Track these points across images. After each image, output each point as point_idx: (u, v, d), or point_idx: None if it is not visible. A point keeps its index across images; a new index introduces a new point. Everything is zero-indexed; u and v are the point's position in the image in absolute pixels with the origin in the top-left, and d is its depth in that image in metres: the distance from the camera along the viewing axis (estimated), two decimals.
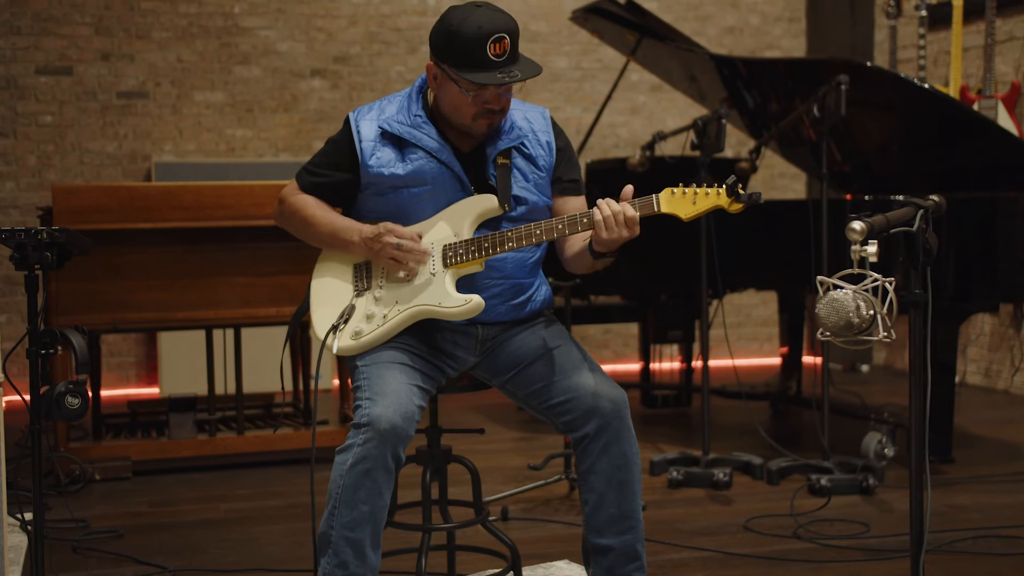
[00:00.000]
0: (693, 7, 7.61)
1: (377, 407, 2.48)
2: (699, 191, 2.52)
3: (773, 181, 7.73)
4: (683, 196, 2.53)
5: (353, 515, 2.48)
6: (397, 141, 2.70)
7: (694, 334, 5.86)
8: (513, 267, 2.73)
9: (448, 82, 2.63)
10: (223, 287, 4.53)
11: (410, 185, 2.68)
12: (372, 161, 2.69)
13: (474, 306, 2.62)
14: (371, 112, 2.75)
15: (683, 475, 4.26)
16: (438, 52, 2.63)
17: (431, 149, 2.68)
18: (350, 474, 2.47)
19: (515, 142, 2.72)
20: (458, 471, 3.19)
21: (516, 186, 2.71)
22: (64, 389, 2.93)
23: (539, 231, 2.60)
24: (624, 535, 2.69)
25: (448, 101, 2.66)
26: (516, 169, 2.73)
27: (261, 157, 6.88)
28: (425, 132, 2.69)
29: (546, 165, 2.76)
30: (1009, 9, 6.10)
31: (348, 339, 2.67)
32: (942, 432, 4.46)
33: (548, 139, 2.78)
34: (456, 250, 2.64)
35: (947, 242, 4.23)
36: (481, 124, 2.66)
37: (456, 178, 2.69)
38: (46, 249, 2.97)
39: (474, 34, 2.55)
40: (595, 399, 2.64)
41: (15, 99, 6.54)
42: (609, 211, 2.51)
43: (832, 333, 2.31)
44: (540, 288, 2.83)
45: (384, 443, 2.46)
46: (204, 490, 4.35)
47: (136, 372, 6.76)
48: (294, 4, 6.92)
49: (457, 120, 2.68)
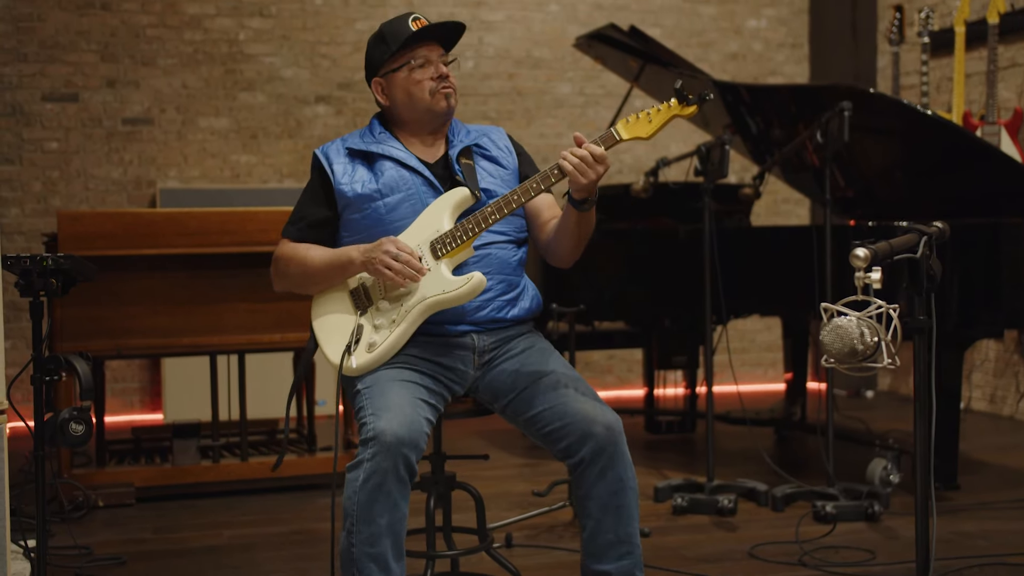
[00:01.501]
0: (696, 34, 7.64)
1: (381, 420, 2.50)
2: (651, 110, 2.63)
3: (777, 207, 7.74)
4: (638, 120, 2.64)
5: (371, 530, 2.48)
6: (365, 157, 2.83)
7: (698, 360, 5.85)
8: (499, 264, 2.79)
9: (393, 76, 2.82)
10: (227, 313, 4.54)
11: (385, 195, 2.78)
12: (344, 180, 2.80)
13: (476, 282, 2.66)
14: (335, 144, 2.90)
15: (687, 501, 4.24)
16: (374, 63, 2.86)
17: (399, 157, 2.81)
18: (363, 490, 2.48)
19: (473, 141, 2.89)
20: (462, 497, 3.18)
21: (483, 180, 2.83)
22: (68, 416, 2.93)
23: (516, 196, 2.69)
24: (622, 560, 2.69)
25: (402, 95, 2.82)
26: (480, 168, 2.86)
27: (266, 183, 6.90)
28: (390, 144, 2.84)
29: (510, 165, 2.91)
30: (1011, 36, 6.12)
31: (364, 353, 2.69)
32: (947, 458, 4.45)
33: (506, 143, 2.95)
34: (443, 240, 2.71)
35: (951, 268, 4.22)
36: (439, 98, 2.81)
37: (427, 182, 2.80)
38: (51, 276, 2.97)
39: (395, 24, 2.82)
40: (589, 425, 2.65)
41: (21, 125, 6.57)
42: (576, 158, 2.60)
43: (836, 360, 2.31)
44: (528, 288, 2.89)
45: (392, 454, 2.47)
46: (208, 516, 4.34)
47: (140, 398, 6.76)
48: (298, 31, 6.96)
49: (418, 110, 2.83)
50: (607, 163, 2.60)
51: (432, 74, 2.80)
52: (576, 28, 7.08)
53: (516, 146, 2.98)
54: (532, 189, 2.67)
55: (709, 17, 7.67)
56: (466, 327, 2.76)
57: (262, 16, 6.92)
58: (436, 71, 2.81)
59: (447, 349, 2.76)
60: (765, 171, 4.86)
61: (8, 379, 3.16)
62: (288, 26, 6.95)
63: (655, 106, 2.65)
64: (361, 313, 2.75)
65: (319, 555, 3.76)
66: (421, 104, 2.81)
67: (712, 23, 7.68)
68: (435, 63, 2.82)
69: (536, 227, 2.90)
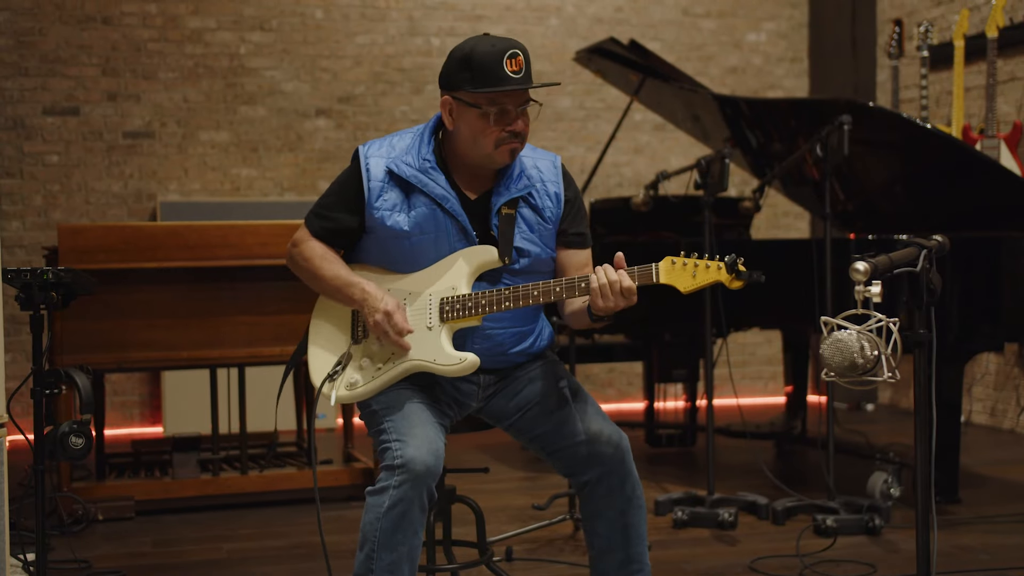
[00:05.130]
0: (696, 47, 7.66)
1: (410, 448, 2.46)
2: (699, 263, 2.46)
3: (777, 220, 7.75)
4: (683, 268, 2.47)
5: (393, 557, 2.46)
6: (404, 184, 2.66)
7: (698, 373, 5.84)
8: (513, 315, 2.69)
9: (466, 109, 2.61)
10: (227, 326, 4.54)
11: (412, 235, 2.65)
12: (378, 203, 2.65)
13: (468, 365, 2.59)
14: (381, 148, 2.71)
15: (688, 515, 4.24)
16: (452, 81, 2.62)
17: (437, 196, 2.64)
18: (387, 517, 2.44)
19: (522, 192, 2.69)
20: (462, 511, 3.18)
21: (519, 237, 2.68)
22: (68, 429, 2.93)
23: (536, 292, 2.57)
24: None
25: (467, 131, 2.63)
26: (521, 219, 2.69)
27: (266, 196, 6.91)
28: (432, 178, 2.65)
29: (552, 217, 2.73)
30: (1010, 50, 6.14)
31: (344, 389, 2.66)
32: (948, 472, 4.44)
33: (556, 190, 2.74)
34: (454, 305, 2.62)
35: (951, 282, 4.22)
36: (503, 152, 2.63)
37: (459, 227, 2.66)
38: (51, 289, 2.98)
39: (489, 51, 2.57)
40: (596, 445, 2.63)
41: (22, 139, 6.58)
42: (606, 279, 2.48)
43: (836, 374, 2.31)
44: (543, 331, 2.81)
45: (419, 484, 2.45)
46: (207, 530, 4.33)
47: (140, 411, 6.75)
48: (299, 44, 6.98)
49: (477, 153, 2.65)
50: (632, 300, 2.48)
51: (505, 126, 2.61)
52: (576, 42, 7.09)
53: (567, 190, 2.77)
54: (553, 292, 2.56)
55: (709, 31, 7.69)
56: None
57: (263, 30, 6.93)
58: (512, 125, 2.62)
59: (452, 382, 2.71)
60: (765, 184, 4.86)
61: (8, 392, 3.16)
62: (289, 40, 6.97)
63: (705, 261, 2.47)
64: (355, 342, 2.70)
65: (318, 569, 3.75)
66: (482, 151, 2.64)
67: (712, 37, 7.70)
68: (512, 115, 2.61)
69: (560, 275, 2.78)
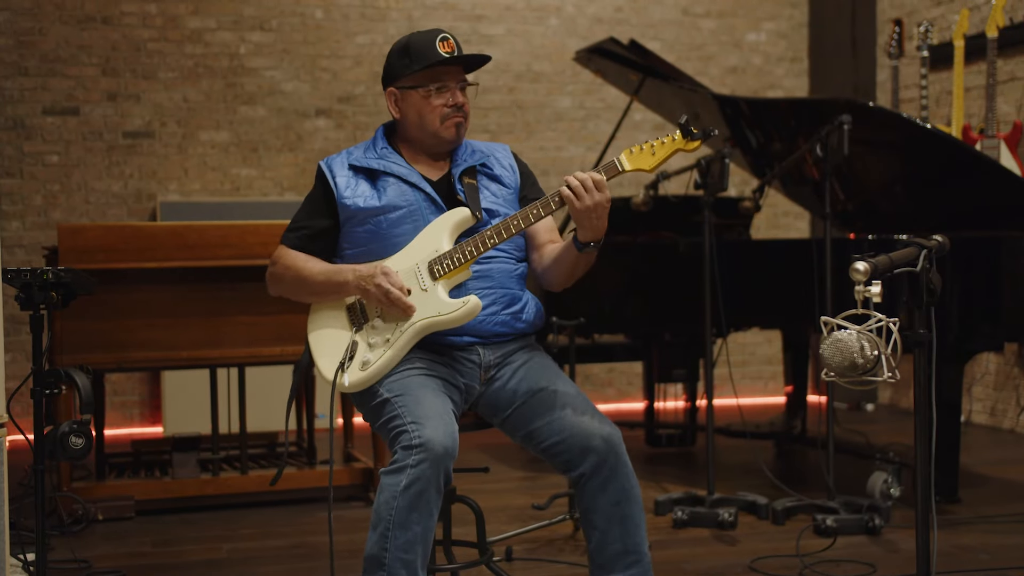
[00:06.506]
0: (696, 47, 7.66)
1: (427, 429, 2.50)
2: (655, 142, 2.65)
3: (777, 220, 7.75)
4: (642, 151, 2.66)
5: (408, 536, 2.47)
6: (368, 173, 2.83)
7: (698, 373, 5.84)
8: (501, 277, 2.79)
9: (409, 93, 2.82)
10: (227, 326, 4.54)
11: (387, 212, 2.78)
12: (347, 193, 2.80)
13: (472, 306, 2.67)
14: (339, 156, 2.91)
15: (688, 515, 4.24)
16: (394, 72, 2.85)
17: (401, 174, 2.82)
18: (404, 496, 2.46)
19: (477, 162, 2.88)
20: (462, 511, 3.18)
21: (485, 200, 2.83)
22: (68, 429, 2.93)
23: (516, 221, 2.69)
24: (630, 569, 2.69)
25: (413, 114, 2.83)
26: (483, 187, 2.86)
27: (266, 196, 6.91)
28: (392, 160, 2.84)
29: (511, 183, 2.91)
30: (1010, 50, 6.13)
31: (357, 371, 2.68)
32: (948, 472, 4.44)
33: (510, 163, 2.95)
34: (441, 261, 2.71)
35: (951, 282, 4.23)
36: (449, 127, 2.82)
37: (429, 199, 2.80)
38: (51, 289, 2.98)
39: (423, 38, 2.81)
40: (588, 438, 2.66)
41: (22, 139, 6.58)
42: (576, 181, 2.62)
43: (836, 374, 2.31)
44: (529, 301, 2.88)
45: (438, 465, 2.47)
46: (207, 530, 4.33)
47: (140, 411, 6.75)
48: (299, 44, 6.98)
49: (425, 133, 2.84)
50: (606, 192, 2.61)
51: (447, 101, 2.81)
52: (576, 42, 7.09)
53: (520, 165, 2.98)
54: (532, 215, 2.68)
55: (709, 31, 7.69)
56: (470, 339, 2.76)
57: (263, 30, 6.93)
58: (452, 99, 2.81)
59: (456, 363, 2.76)
60: (765, 184, 4.87)
61: (8, 392, 3.16)
62: (289, 40, 6.97)
63: (659, 138, 2.66)
64: (356, 329, 2.75)
65: (319, 569, 3.75)
66: (430, 128, 2.83)
67: (712, 37, 7.70)
68: (453, 90, 2.82)
69: (532, 248, 2.91)
